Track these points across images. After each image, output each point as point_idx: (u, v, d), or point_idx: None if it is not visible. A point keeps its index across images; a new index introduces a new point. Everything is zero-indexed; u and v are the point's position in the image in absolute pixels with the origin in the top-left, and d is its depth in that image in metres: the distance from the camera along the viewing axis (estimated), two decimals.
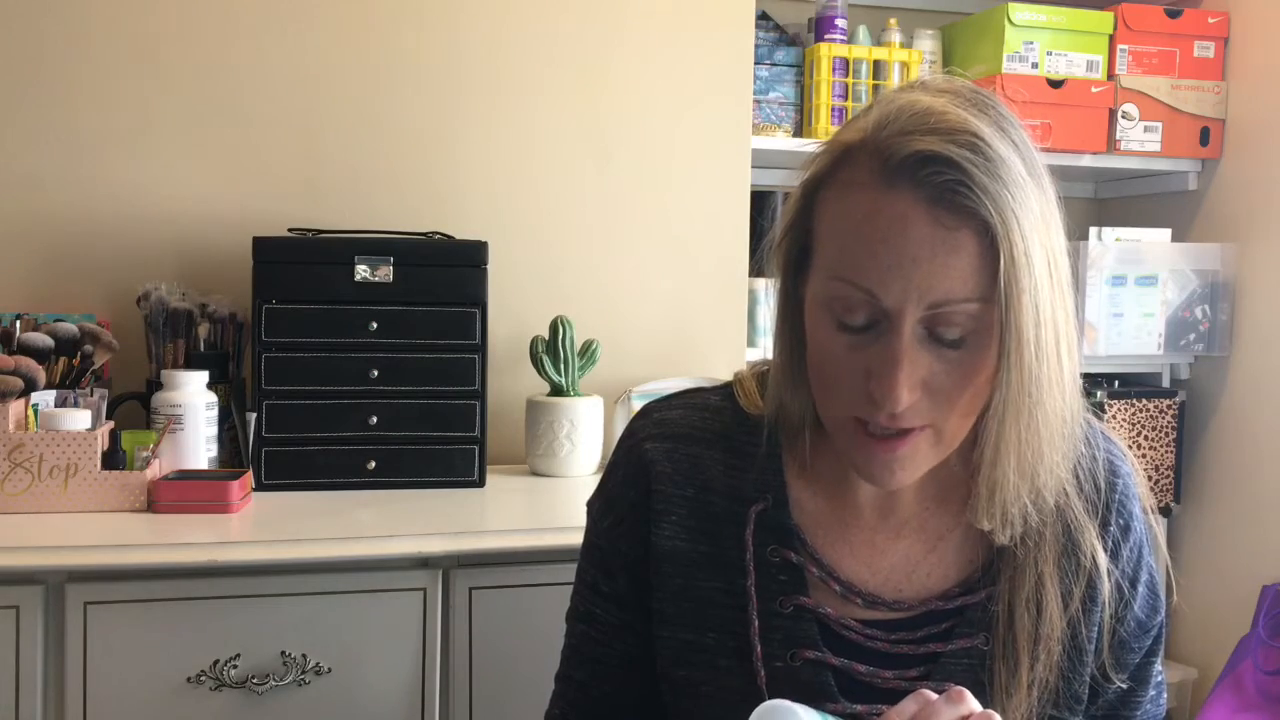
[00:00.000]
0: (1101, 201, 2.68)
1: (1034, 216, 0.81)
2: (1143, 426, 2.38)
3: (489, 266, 1.71)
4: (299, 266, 1.66)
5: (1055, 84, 2.30)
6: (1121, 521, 0.95)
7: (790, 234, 0.89)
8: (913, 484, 0.93)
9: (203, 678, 1.35)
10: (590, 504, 1.03)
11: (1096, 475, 0.94)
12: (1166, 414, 2.39)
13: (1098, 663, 0.93)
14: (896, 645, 0.91)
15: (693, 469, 0.95)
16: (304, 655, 1.38)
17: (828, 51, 2.22)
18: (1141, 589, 0.96)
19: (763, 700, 0.77)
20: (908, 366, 0.80)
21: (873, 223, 0.80)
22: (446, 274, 1.70)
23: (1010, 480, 0.86)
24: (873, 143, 0.82)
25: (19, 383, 1.48)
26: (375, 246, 1.68)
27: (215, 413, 1.64)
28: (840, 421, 0.86)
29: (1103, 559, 0.92)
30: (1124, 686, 0.96)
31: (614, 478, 1.00)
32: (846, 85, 2.23)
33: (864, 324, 0.82)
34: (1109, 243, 2.32)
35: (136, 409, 1.68)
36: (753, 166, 2.04)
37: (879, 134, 0.82)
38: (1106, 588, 0.92)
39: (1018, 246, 0.79)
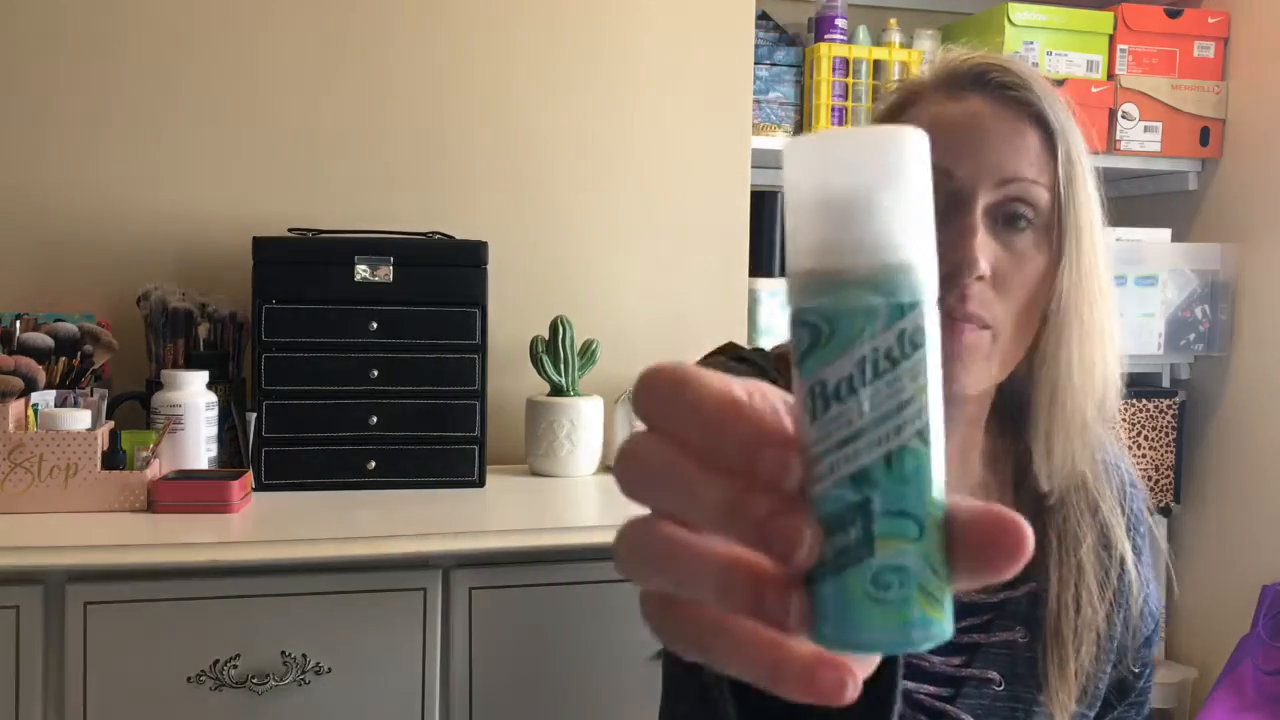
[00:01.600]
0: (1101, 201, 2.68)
1: (1080, 142, 0.90)
2: (1143, 426, 2.38)
3: (489, 266, 1.71)
4: (299, 266, 1.66)
5: (1055, 84, 2.29)
6: (1142, 528, 1.03)
7: None
8: (950, 467, 0.96)
9: (203, 678, 1.34)
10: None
11: (1122, 480, 1.02)
12: (1166, 414, 2.39)
13: (1120, 655, 0.99)
14: None
15: None
16: (304, 655, 1.38)
17: (828, 51, 2.21)
18: (1152, 587, 1.03)
19: None
20: (982, 235, 0.87)
21: (943, 119, 0.90)
22: (446, 274, 1.70)
23: (1075, 383, 0.91)
24: (937, 72, 0.93)
25: (19, 383, 1.48)
26: (375, 246, 1.68)
27: (215, 413, 1.64)
28: None
29: (1130, 555, 0.99)
30: (1136, 671, 1.02)
31: None
32: (846, 85, 2.23)
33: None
34: (1109, 243, 2.32)
35: (136, 409, 1.68)
36: (753, 166, 2.04)
37: (941, 68, 0.93)
38: (1133, 579, 0.99)
39: (1074, 147, 0.90)
